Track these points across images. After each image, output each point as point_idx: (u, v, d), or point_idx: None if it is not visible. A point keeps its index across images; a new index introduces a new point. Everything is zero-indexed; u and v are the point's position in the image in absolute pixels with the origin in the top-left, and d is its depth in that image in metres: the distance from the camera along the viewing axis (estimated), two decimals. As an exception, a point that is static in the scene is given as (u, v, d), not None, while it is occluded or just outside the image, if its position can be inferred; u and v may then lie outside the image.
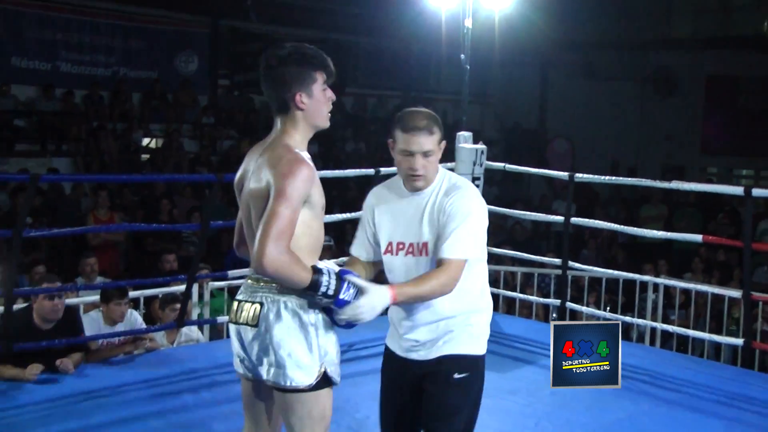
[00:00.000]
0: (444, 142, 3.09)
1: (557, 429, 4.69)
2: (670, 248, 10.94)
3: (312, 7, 16.13)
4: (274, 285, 2.77)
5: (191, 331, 6.57)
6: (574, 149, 18.57)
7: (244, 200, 2.89)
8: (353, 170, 7.45)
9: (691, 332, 6.58)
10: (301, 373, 2.75)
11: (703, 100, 18.70)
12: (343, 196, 12.62)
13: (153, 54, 15.21)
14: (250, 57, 15.89)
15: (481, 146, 6.81)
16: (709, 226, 12.26)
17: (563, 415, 4.89)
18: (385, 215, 3.14)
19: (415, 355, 3.09)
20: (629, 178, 7.96)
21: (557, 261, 6.94)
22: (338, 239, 10.26)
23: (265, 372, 2.77)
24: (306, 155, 2.82)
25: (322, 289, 2.68)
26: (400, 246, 3.09)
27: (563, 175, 6.78)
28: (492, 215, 11.24)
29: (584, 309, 7.09)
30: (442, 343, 3.05)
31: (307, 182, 2.71)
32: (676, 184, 6.37)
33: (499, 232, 11.98)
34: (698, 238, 6.42)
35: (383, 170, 6.59)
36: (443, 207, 3.01)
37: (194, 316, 6.63)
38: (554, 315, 7.88)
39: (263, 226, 2.63)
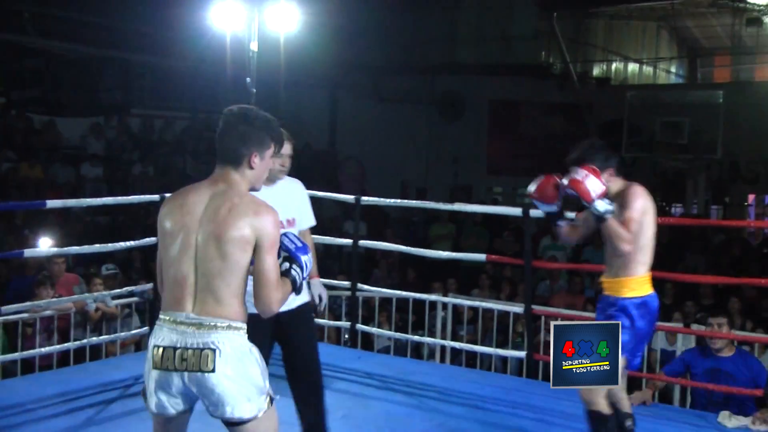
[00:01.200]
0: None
1: None
2: (459, 265, 11.27)
3: (96, 23, 15.26)
4: (217, 326, 2.89)
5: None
6: (364, 171, 18.85)
7: (194, 242, 2.93)
8: (138, 197, 7.14)
9: (478, 348, 6.82)
10: (262, 399, 2.94)
11: (487, 124, 19.51)
12: (138, 221, 12.22)
13: None
14: (29, 73, 15.08)
15: (270, 168, 6.73)
16: (496, 243, 12.73)
17: None
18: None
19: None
20: (414, 201, 8.13)
21: (346, 284, 6.96)
22: (125, 267, 9.89)
23: (231, 410, 2.89)
24: None
25: (299, 281, 3.06)
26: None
27: (350, 198, 6.82)
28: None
29: (374, 330, 7.16)
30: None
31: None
32: (459, 206, 6.56)
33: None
34: (482, 257, 6.63)
35: (168, 196, 6.37)
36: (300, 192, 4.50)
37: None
38: (346, 336, 7.88)
39: (265, 276, 2.91)
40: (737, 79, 21.12)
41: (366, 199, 6.68)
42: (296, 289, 3.06)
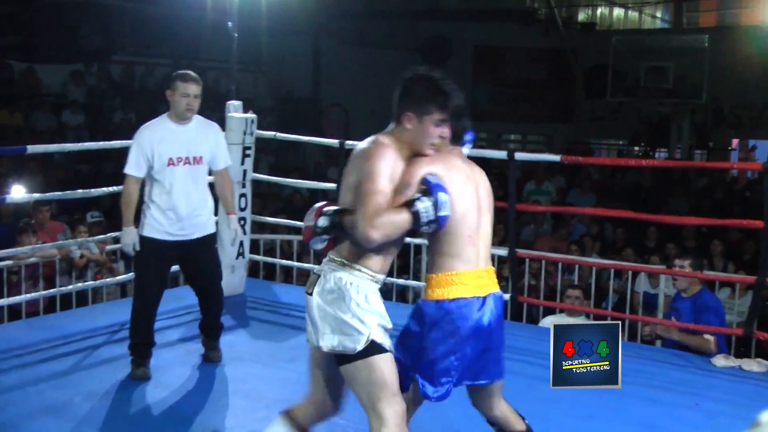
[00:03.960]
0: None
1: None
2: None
3: (73, -33, 15.15)
4: (333, 260, 3.06)
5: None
6: (348, 117, 18.75)
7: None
8: (121, 142, 7.08)
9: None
10: (350, 339, 2.98)
11: (471, 69, 19.40)
12: (121, 168, 12.12)
13: None
14: (6, 19, 14.77)
15: (251, 115, 6.69)
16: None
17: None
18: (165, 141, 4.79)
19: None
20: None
21: (332, 227, 6.93)
22: (110, 215, 9.82)
23: (315, 336, 3.04)
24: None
25: (423, 220, 2.92)
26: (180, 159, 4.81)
27: (334, 142, 6.79)
28: (268, 184, 11.10)
29: (360, 273, 7.17)
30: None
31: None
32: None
33: (275, 200, 11.90)
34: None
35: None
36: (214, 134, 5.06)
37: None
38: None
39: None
40: (723, 24, 21.02)
41: (350, 143, 6.63)
42: (416, 223, 2.94)
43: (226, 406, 4.55)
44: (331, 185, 7.07)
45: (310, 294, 3.06)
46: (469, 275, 3.07)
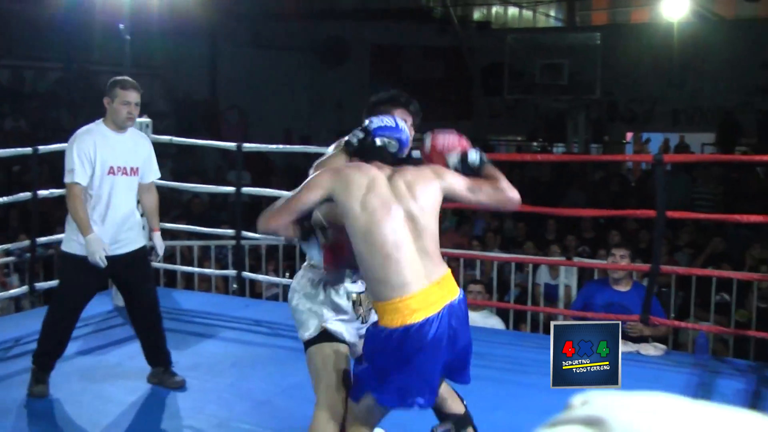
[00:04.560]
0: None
1: (239, 399, 4.63)
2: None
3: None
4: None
5: None
6: (247, 120, 18.56)
7: None
8: (11, 150, 6.84)
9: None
10: (303, 332, 3.24)
11: (369, 69, 19.43)
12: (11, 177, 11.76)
13: None
14: None
15: (146, 119, 6.53)
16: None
17: (245, 386, 4.83)
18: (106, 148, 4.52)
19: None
20: (298, 146, 8.04)
21: (231, 232, 6.85)
22: (1, 225, 9.50)
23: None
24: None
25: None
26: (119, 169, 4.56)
27: (231, 145, 6.69)
28: (167, 189, 10.91)
29: (261, 277, 7.11)
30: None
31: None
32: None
33: (174, 206, 11.68)
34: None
35: (41, 148, 6.14)
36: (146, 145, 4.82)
37: None
38: (234, 286, 7.80)
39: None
40: (614, 22, 21.57)
41: (248, 146, 6.55)
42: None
43: (128, 418, 4.43)
44: (231, 189, 6.97)
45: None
46: (415, 298, 2.83)
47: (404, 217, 2.88)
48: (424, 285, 2.84)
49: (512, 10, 22.28)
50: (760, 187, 12.07)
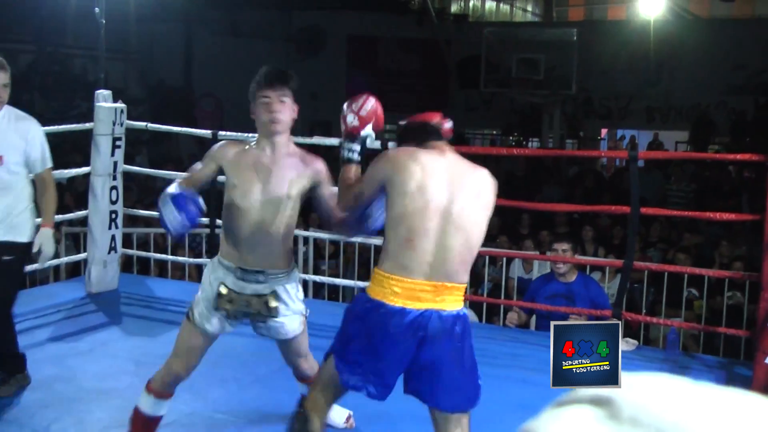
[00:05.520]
0: None
1: (212, 388, 4.61)
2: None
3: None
4: None
5: None
6: (222, 107, 18.47)
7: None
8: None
9: (340, 281, 6.89)
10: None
11: (346, 59, 19.40)
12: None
13: None
14: None
15: (120, 105, 6.47)
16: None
17: (219, 373, 4.81)
18: None
19: None
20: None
21: (205, 220, 6.81)
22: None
23: None
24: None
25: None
26: None
27: (206, 133, 6.64)
28: (141, 177, 10.80)
29: (235, 265, 7.09)
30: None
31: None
32: (318, 140, 6.50)
33: (149, 193, 11.60)
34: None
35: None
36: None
37: None
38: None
39: None
40: (590, 18, 21.69)
41: (223, 134, 6.51)
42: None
43: (101, 405, 4.39)
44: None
45: None
46: (403, 284, 2.81)
47: (448, 212, 2.86)
48: (420, 278, 2.82)
49: (489, 4, 22.35)
50: (732, 186, 12.19)
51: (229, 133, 6.65)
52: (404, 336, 2.82)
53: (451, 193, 2.84)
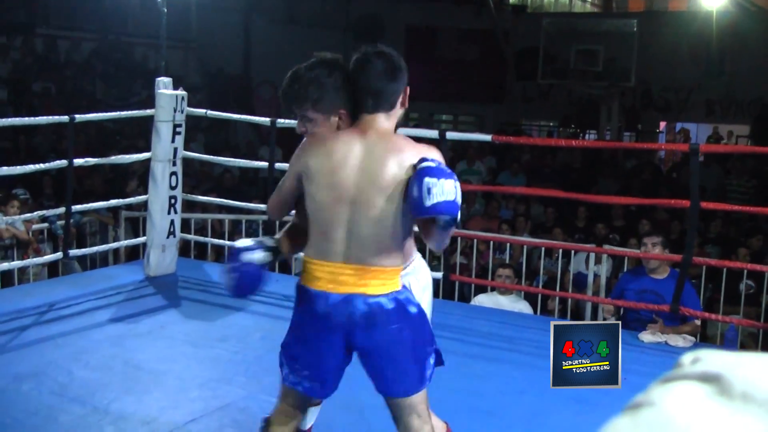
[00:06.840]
0: None
1: (267, 373, 4.66)
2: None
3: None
4: None
5: None
6: (279, 95, 18.58)
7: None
8: (46, 117, 6.95)
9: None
10: None
11: (403, 49, 19.38)
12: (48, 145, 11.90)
13: None
14: None
15: (181, 92, 6.56)
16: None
17: (273, 358, 4.86)
18: None
19: None
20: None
21: (263, 206, 6.88)
22: (35, 193, 9.59)
23: None
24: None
25: None
26: None
27: (265, 120, 6.71)
28: (199, 163, 10.95)
29: (292, 253, 7.16)
30: None
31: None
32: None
33: (206, 179, 11.76)
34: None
35: (78, 117, 6.20)
36: None
37: None
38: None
39: None
40: (651, 9, 21.36)
41: (282, 122, 6.57)
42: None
43: (159, 386, 4.48)
44: (263, 164, 7.00)
45: None
46: (323, 267, 2.77)
47: (356, 200, 2.77)
48: (337, 260, 2.76)
49: (548, -6, 22.15)
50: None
51: (287, 121, 6.70)
52: (328, 321, 2.76)
53: (359, 182, 2.76)
